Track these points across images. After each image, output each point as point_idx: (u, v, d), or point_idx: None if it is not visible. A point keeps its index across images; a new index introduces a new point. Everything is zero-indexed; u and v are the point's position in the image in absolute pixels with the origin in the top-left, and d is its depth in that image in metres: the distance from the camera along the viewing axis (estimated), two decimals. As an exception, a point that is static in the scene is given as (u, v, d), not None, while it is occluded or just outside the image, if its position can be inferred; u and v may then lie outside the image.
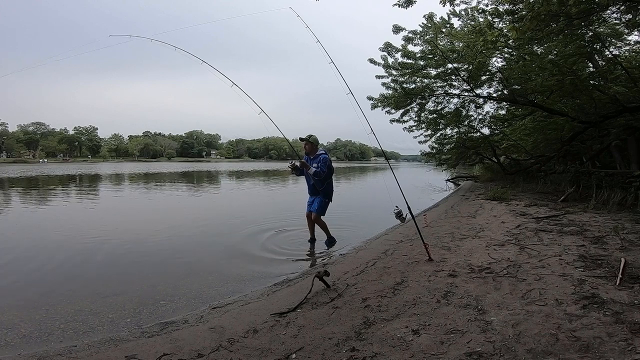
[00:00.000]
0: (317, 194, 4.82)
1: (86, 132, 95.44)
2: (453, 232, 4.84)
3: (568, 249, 3.51)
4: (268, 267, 4.04)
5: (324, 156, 4.78)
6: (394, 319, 2.30)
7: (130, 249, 4.84)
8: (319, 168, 4.65)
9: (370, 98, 10.70)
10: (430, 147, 12.97)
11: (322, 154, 4.80)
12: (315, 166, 4.68)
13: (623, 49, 8.53)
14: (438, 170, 20.70)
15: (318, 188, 4.77)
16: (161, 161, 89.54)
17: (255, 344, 2.10)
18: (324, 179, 4.76)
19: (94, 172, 28.41)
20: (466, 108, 11.17)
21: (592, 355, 1.70)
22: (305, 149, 4.90)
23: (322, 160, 4.71)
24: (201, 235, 5.62)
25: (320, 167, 4.66)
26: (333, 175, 4.95)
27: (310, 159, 4.84)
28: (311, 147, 4.85)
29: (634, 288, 2.42)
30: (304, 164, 4.70)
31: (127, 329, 2.54)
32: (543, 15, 5.45)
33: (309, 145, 4.84)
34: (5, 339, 2.43)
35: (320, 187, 4.77)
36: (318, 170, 4.64)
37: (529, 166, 11.64)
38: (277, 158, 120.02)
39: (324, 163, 4.70)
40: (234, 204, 10.28)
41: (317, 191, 4.80)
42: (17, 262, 4.25)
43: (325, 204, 4.83)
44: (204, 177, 24.26)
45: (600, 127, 8.42)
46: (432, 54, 9.47)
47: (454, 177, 18.39)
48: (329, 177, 4.83)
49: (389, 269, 3.41)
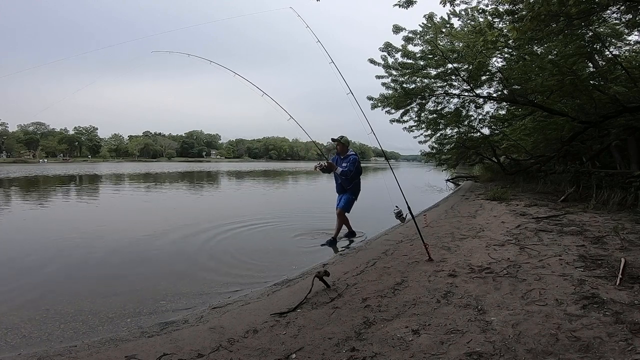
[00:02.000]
0: (344, 192, 5.11)
1: (86, 132, 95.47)
2: (453, 232, 4.84)
3: (568, 249, 3.51)
4: (268, 267, 4.04)
5: (354, 157, 5.07)
6: (394, 319, 2.30)
7: (130, 249, 4.84)
8: (347, 168, 4.94)
9: (370, 98, 10.69)
10: (430, 147, 12.95)
11: (352, 155, 5.10)
12: (344, 166, 4.98)
13: (623, 49, 8.54)
14: (438, 170, 20.66)
15: (345, 187, 5.06)
16: (161, 161, 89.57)
17: (255, 344, 2.10)
18: (352, 178, 5.03)
19: (94, 172, 28.42)
20: (466, 108, 11.16)
21: (592, 355, 1.70)
22: (337, 149, 5.19)
23: (352, 160, 5.01)
24: (201, 235, 5.61)
25: (349, 166, 4.95)
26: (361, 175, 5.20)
27: (341, 158, 5.12)
28: (342, 147, 5.13)
29: (634, 288, 2.42)
30: (331, 165, 5.00)
31: (127, 329, 2.54)
32: (543, 15, 5.45)
33: (340, 145, 5.12)
34: (6, 339, 2.43)
35: (347, 186, 5.06)
36: (346, 170, 4.94)
37: (529, 166, 11.63)
38: (277, 158, 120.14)
39: (353, 163, 4.98)
40: (234, 204, 10.28)
41: (345, 189, 5.09)
42: (17, 262, 4.25)
43: (351, 201, 5.10)
44: (204, 177, 24.26)
45: (600, 127, 8.42)
46: (432, 54, 9.46)
47: (454, 177, 18.38)
48: (356, 177, 5.09)
49: (389, 269, 3.41)
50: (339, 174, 5.00)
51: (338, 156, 5.20)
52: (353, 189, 5.09)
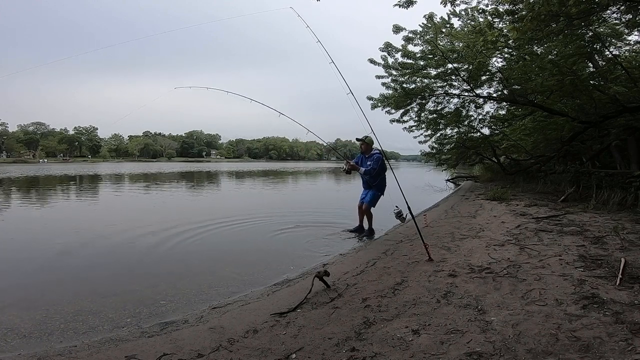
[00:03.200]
0: (370, 188, 5.40)
1: (86, 132, 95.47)
2: (453, 232, 4.83)
3: (568, 249, 3.51)
4: (268, 267, 4.04)
5: (378, 155, 5.32)
6: (394, 319, 2.30)
7: (130, 248, 4.84)
8: (371, 166, 5.24)
9: (370, 98, 10.69)
10: (430, 147, 12.94)
11: (375, 153, 5.34)
12: (368, 164, 5.28)
13: (623, 49, 8.53)
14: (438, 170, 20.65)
15: (371, 184, 5.35)
16: (161, 161, 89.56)
17: (255, 344, 2.10)
18: (376, 175, 5.30)
19: (94, 172, 28.41)
20: (466, 108, 11.16)
21: (592, 355, 1.70)
22: (361, 148, 5.46)
23: (376, 159, 5.29)
24: (201, 235, 5.61)
25: (372, 165, 5.25)
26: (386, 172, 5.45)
27: (365, 157, 5.42)
28: (367, 147, 5.39)
29: (634, 288, 2.42)
30: (353, 167, 5.32)
31: (127, 329, 2.54)
32: (543, 16, 5.46)
33: (364, 145, 5.39)
34: (5, 339, 2.43)
35: (373, 183, 5.34)
36: (369, 168, 5.24)
37: (529, 166, 11.63)
38: (277, 158, 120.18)
39: (377, 161, 5.26)
40: (234, 203, 10.27)
41: (370, 186, 5.37)
42: (17, 262, 4.24)
43: (377, 197, 5.38)
44: (204, 177, 24.25)
45: (600, 127, 8.42)
46: (432, 54, 9.46)
47: (454, 177, 18.37)
48: (381, 174, 5.35)
49: (389, 269, 3.41)
50: (362, 173, 5.29)
51: (363, 155, 5.46)
52: (379, 186, 5.36)
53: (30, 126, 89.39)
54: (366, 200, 5.37)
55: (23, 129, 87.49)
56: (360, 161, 5.48)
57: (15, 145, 79.82)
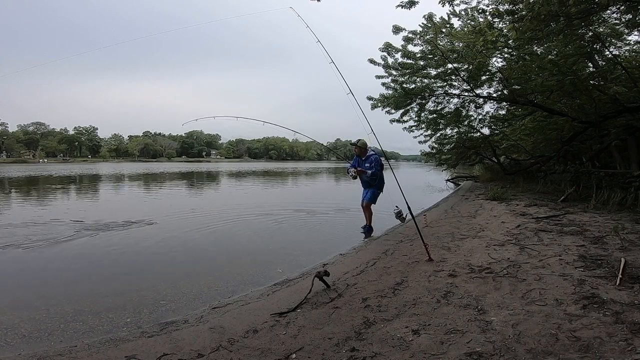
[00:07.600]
0: (370, 187, 5.58)
1: (86, 132, 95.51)
2: (453, 232, 4.83)
3: (568, 249, 3.51)
4: (268, 267, 4.04)
5: (375, 157, 5.50)
6: (394, 319, 2.30)
7: (129, 248, 4.84)
8: (373, 169, 5.42)
9: (370, 98, 10.68)
10: (430, 147, 12.94)
11: (372, 155, 5.53)
12: (368, 166, 5.46)
13: (623, 49, 8.52)
14: (438, 170, 20.67)
15: (372, 183, 5.53)
16: (161, 161, 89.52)
17: (255, 344, 2.10)
18: None
19: (94, 172, 28.40)
20: (466, 108, 11.15)
21: (592, 355, 1.70)
22: (356, 152, 5.64)
23: (374, 160, 5.47)
24: (201, 235, 5.61)
25: (375, 167, 5.43)
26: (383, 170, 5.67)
27: (362, 159, 5.59)
28: (360, 150, 5.59)
29: (634, 288, 2.42)
30: (359, 172, 5.48)
31: (127, 329, 2.54)
32: (543, 15, 5.46)
33: (358, 149, 5.59)
34: (6, 339, 2.43)
35: (374, 183, 5.52)
36: (374, 170, 5.43)
37: (529, 166, 11.63)
38: (277, 158, 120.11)
39: (376, 163, 5.46)
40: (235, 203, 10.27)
41: (370, 184, 5.55)
42: (17, 262, 4.24)
43: (377, 194, 5.59)
44: (204, 177, 24.25)
45: (600, 127, 8.41)
46: (432, 54, 9.45)
47: (454, 177, 18.37)
48: (380, 173, 5.57)
49: (389, 269, 3.41)
50: (367, 178, 5.47)
51: (359, 158, 5.63)
52: (379, 184, 5.56)
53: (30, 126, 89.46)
54: (367, 198, 5.55)
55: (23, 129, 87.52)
56: (357, 164, 5.66)
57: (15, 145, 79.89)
